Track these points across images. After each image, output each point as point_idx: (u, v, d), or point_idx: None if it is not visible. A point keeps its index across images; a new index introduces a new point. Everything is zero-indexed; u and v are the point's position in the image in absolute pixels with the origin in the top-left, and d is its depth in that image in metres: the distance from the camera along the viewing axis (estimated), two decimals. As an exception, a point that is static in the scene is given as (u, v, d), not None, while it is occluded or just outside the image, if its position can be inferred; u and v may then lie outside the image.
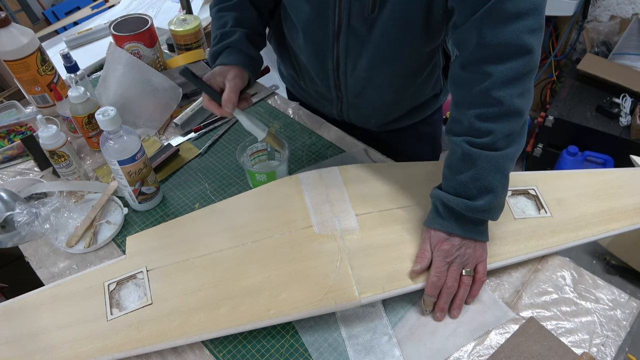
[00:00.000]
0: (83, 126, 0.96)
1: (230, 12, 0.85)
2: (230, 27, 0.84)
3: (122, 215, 0.86)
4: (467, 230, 0.69)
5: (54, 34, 1.86)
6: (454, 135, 0.70)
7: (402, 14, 0.74)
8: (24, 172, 0.99)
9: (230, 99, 0.76)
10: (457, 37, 0.68)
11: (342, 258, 0.72)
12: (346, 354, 0.67)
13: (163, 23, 1.44)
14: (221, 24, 0.85)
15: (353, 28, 0.79)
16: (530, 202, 0.83)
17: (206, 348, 0.69)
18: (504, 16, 0.62)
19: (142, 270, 0.75)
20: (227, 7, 0.86)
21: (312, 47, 0.87)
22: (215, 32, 0.85)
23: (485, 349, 0.66)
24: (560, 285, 0.73)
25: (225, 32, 0.83)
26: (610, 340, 0.67)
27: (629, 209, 0.81)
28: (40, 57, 1.01)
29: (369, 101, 0.94)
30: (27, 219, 0.83)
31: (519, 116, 0.66)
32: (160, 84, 1.02)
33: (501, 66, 0.64)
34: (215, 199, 0.89)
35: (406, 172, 0.85)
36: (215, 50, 0.83)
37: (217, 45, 0.83)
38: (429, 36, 0.81)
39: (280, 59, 1.05)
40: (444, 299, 0.69)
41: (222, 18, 0.85)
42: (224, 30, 0.84)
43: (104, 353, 0.66)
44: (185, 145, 1.02)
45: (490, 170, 0.67)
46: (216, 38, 0.84)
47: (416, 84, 0.93)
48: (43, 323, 0.70)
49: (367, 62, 0.84)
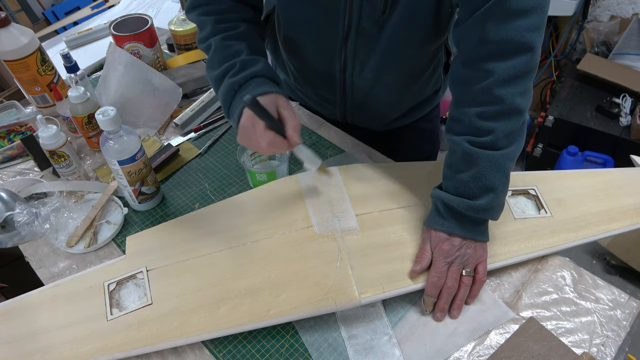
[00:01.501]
0: (83, 126, 0.96)
1: (241, 42, 0.77)
2: (248, 55, 0.76)
3: (122, 215, 0.86)
4: (468, 230, 0.69)
5: (54, 34, 1.86)
6: (454, 134, 0.70)
7: (412, 13, 0.74)
8: (24, 172, 0.99)
9: (298, 127, 0.70)
10: (459, 34, 0.68)
11: (342, 258, 0.72)
12: (346, 354, 0.67)
13: (163, 23, 1.44)
14: (232, 52, 0.76)
15: (363, 30, 0.78)
16: (530, 202, 0.83)
17: (206, 348, 0.69)
18: (507, 13, 0.62)
19: (142, 270, 0.75)
20: (233, 35, 0.78)
21: (319, 50, 0.86)
22: (230, 61, 0.75)
23: (485, 349, 0.66)
24: (560, 285, 0.73)
25: (246, 61, 0.75)
26: (610, 340, 0.67)
27: (629, 209, 0.81)
28: (40, 57, 1.01)
29: (373, 102, 0.94)
30: (27, 219, 0.83)
31: (519, 115, 0.66)
32: (160, 84, 1.02)
33: (503, 64, 0.64)
34: (215, 199, 0.89)
35: (406, 172, 0.85)
36: (238, 79, 0.73)
37: (239, 75, 0.74)
38: (436, 34, 0.81)
39: (277, 63, 1.05)
40: (444, 299, 0.69)
41: (231, 47, 0.77)
42: (243, 58, 0.75)
43: (104, 353, 0.66)
44: (185, 145, 1.02)
45: (491, 169, 0.67)
46: (234, 67, 0.74)
47: (420, 82, 0.93)
48: (43, 323, 0.70)
49: (375, 63, 0.83)
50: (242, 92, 0.72)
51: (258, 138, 0.69)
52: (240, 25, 0.79)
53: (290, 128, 0.69)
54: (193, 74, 1.15)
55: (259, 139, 0.69)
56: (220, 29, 0.78)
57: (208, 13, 0.79)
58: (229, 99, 0.74)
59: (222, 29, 0.78)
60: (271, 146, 0.69)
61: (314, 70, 0.92)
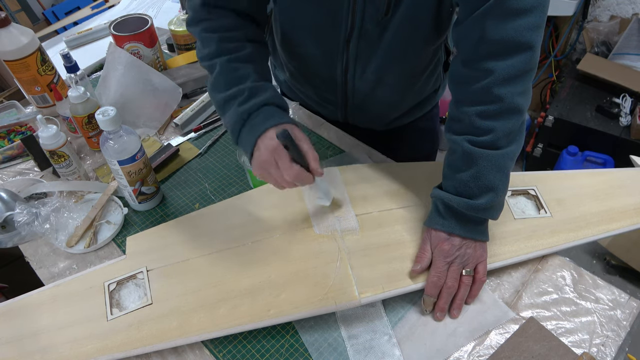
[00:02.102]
0: (83, 126, 0.96)
1: (247, 65, 0.75)
2: (255, 80, 0.74)
3: (122, 215, 0.86)
4: (468, 230, 0.69)
5: (54, 34, 1.86)
6: (454, 134, 0.70)
7: (414, 13, 0.74)
8: (24, 172, 0.99)
9: (317, 158, 0.69)
10: (459, 34, 0.68)
11: (342, 258, 0.72)
12: (346, 354, 0.67)
13: (163, 23, 1.44)
14: (239, 76, 0.73)
15: (365, 31, 0.78)
16: (530, 202, 0.83)
17: (206, 348, 0.69)
18: (507, 12, 0.62)
19: (142, 270, 0.75)
20: (240, 58, 0.75)
21: (320, 52, 0.85)
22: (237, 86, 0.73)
23: (485, 349, 0.66)
24: (560, 285, 0.73)
25: (254, 88, 0.72)
26: (610, 340, 0.67)
27: (629, 209, 0.80)
28: (40, 57, 1.01)
29: (375, 102, 0.94)
30: (27, 219, 0.83)
31: (519, 114, 0.67)
32: (160, 84, 1.02)
33: (503, 63, 0.64)
34: (215, 199, 0.89)
35: (406, 172, 0.85)
36: (247, 108, 0.71)
37: (248, 103, 0.71)
38: (437, 34, 0.81)
39: (276, 64, 1.04)
40: (444, 299, 0.69)
41: (237, 70, 0.74)
42: (250, 85, 0.73)
43: (104, 353, 0.66)
44: (185, 145, 1.02)
45: (491, 169, 0.67)
46: (243, 94, 0.72)
47: (420, 81, 0.93)
48: (43, 323, 0.70)
49: (377, 64, 0.83)
50: (252, 121, 0.71)
51: (283, 172, 0.67)
52: (247, 46, 0.76)
53: (312, 160, 0.68)
54: (193, 74, 1.15)
55: (283, 172, 0.67)
56: (226, 50, 0.75)
57: (212, 30, 0.76)
58: (237, 127, 0.72)
59: (227, 50, 0.75)
60: (297, 180, 0.68)
61: (315, 72, 0.92)
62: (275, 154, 0.67)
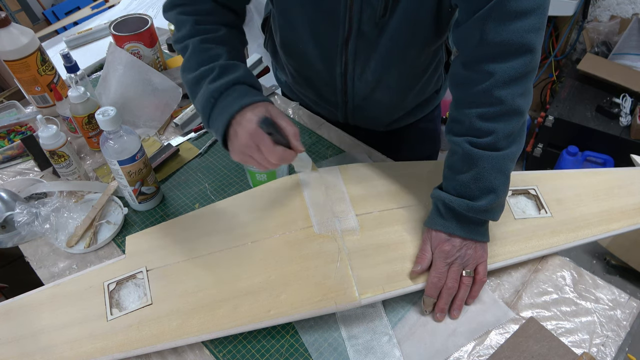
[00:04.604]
0: (83, 126, 0.96)
1: (220, 46, 0.74)
2: (227, 59, 0.72)
3: (122, 215, 0.86)
4: (468, 230, 0.69)
5: (54, 34, 1.86)
6: (454, 135, 0.70)
7: (412, 15, 0.74)
8: (24, 172, 0.99)
9: (298, 133, 0.68)
10: (459, 35, 0.68)
11: (342, 258, 0.72)
12: (346, 354, 0.67)
13: (163, 23, 1.44)
14: (210, 56, 0.72)
15: (363, 33, 0.78)
16: (530, 202, 0.83)
17: (206, 348, 0.69)
18: (507, 14, 0.62)
19: (142, 270, 0.75)
20: (213, 39, 0.74)
21: (318, 54, 0.85)
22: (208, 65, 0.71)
23: (485, 349, 0.66)
24: (560, 285, 0.73)
25: (225, 66, 0.71)
26: (610, 340, 0.67)
27: (629, 209, 0.80)
28: (40, 57, 1.01)
29: (375, 103, 0.94)
30: (27, 219, 0.83)
31: (519, 116, 0.66)
32: (160, 84, 1.02)
33: (503, 65, 0.64)
34: (215, 199, 0.89)
35: (406, 172, 0.85)
36: (218, 86, 0.69)
37: (218, 81, 0.70)
38: (436, 35, 0.81)
39: (277, 65, 1.04)
40: (444, 300, 0.69)
41: (209, 50, 0.73)
42: (222, 63, 0.71)
43: (104, 353, 0.66)
44: (185, 145, 1.02)
45: (492, 170, 0.67)
46: (213, 71, 0.70)
47: (421, 82, 0.93)
48: (43, 323, 0.70)
49: (376, 65, 0.83)
50: (224, 101, 0.69)
51: (266, 155, 0.67)
52: (221, 28, 0.76)
53: (292, 137, 0.68)
54: (193, 74, 1.14)
55: (267, 156, 0.67)
56: (199, 31, 0.74)
57: (187, 13, 0.75)
58: (208, 108, 0.70)
59: (201, 31, 0.74)
60: (282, 161, 0.68)
61: (314, 73, 0.92)
62: (255, 138, 0.66)
